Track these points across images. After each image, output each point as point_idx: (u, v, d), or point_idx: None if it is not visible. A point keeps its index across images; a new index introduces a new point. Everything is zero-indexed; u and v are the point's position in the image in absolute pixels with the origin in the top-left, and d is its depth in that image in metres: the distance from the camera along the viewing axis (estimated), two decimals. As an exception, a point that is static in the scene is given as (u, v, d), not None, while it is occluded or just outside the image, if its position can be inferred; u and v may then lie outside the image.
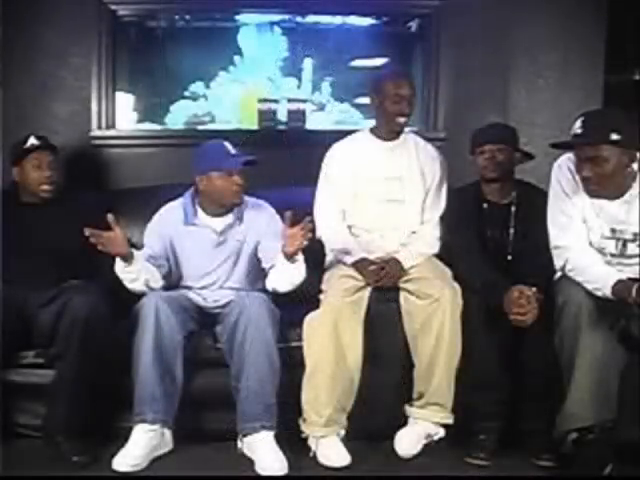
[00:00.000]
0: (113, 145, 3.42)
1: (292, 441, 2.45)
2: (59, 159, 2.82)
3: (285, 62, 3.65)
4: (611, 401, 2.29)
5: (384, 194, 2.76)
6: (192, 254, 2.66)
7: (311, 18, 3.60)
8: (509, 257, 2.66)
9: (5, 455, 2.34)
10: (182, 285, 2.70)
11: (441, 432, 2.53)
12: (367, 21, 3.61)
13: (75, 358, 2.38)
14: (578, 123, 2.29)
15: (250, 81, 3.63)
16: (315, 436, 2.45)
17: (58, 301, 2.46)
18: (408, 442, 2.50)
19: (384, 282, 2.61)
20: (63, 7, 3.32)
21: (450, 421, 2.52)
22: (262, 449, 2.36)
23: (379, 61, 3.58)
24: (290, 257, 2.46)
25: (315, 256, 2.68)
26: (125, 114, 3.52)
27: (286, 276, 2.53)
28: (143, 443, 2.36)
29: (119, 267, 2.46)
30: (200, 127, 3.58)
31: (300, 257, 2.49)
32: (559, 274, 2.45)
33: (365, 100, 3.23)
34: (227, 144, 2.63)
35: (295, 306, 2.57)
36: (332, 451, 2.43)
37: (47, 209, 2.71)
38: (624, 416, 2.29)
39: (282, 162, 3.22)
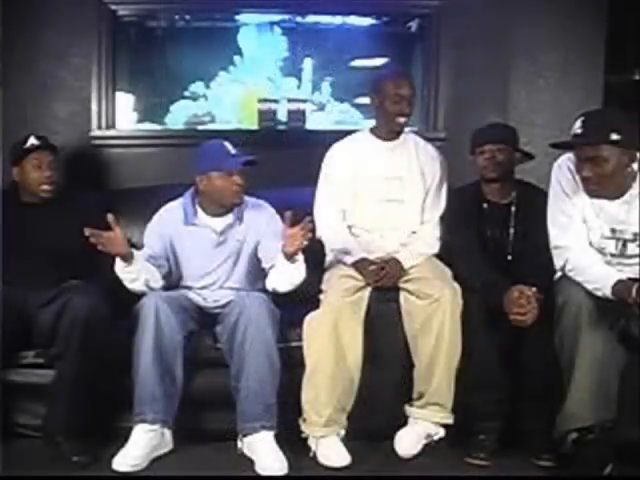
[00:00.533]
0: (113, 145, 3.42)
1: (292, 441, 2.45)
2: (59, 159, 2.82)
3: (285, 62, 3.65)
4: (611, 401, 2.28)
5: (384, 194, 2.76)
6: (192, 254, 2.66)
7: (311, 18, 3.60)
8: (509, 257, 2.66)
9: (5, 455, 2.34)
10: (182, 285, 2.70)
11: (441, 432, 2.53)
12: (367, 21, 3.61)
13: (75, 358, 2.38)
14: (578, 123, 2.29)
15: (250, 81, 3.62)
16: (315, 436, 2.45)
17: (58, 301, 2.46)
18: (408, 442, 2.50)
19: (384, 282, 2.61)
20: (63, 7, 3.32)
21: (450, 421, 2.52)
22: (262, 449, 2.36)
23: (379, 61, 3.58)
24: (290, 257, 2.45)
25: (315, 256, 2.68)
26: (125, 114, 3.52)
27: (286, 276, 2.53)
28: (143, 443, 2.36)
29: (119, 267, 2.46)
30: (200, 127, 3.58)
31: (300, 257, 2.49)
32: (559, 274, 2.45)
33: (365, 100, 3.23)
34: (227, 144, 2.63)
35: (295, 306, 2.57)
36: (332, 451, 2.43)
37: (47, 209, 2.71)
38: (624, 416, 2.29)
39: (282, 162, 3.21)
